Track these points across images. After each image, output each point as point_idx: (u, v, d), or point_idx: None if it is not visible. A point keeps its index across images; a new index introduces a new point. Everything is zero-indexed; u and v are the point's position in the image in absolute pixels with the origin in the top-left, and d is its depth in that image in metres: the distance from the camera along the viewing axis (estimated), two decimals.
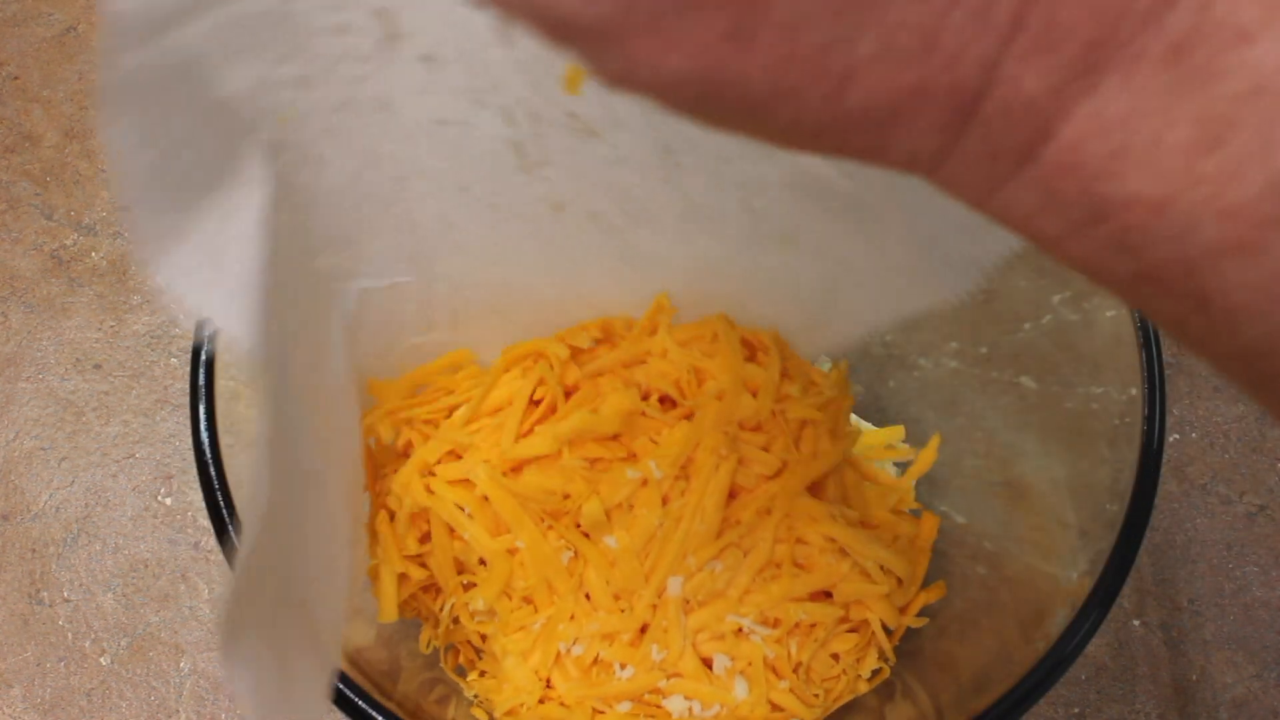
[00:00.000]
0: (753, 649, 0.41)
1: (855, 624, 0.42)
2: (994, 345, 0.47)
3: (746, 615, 0.41)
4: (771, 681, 0.41)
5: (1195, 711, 0.49)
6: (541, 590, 0.41)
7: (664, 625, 0.41)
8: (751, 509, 0.42)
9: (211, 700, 0.49)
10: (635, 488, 0.42)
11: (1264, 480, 0.53)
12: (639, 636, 0.41)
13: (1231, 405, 0.54)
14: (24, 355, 0.56)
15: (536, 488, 0.42)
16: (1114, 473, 0.38)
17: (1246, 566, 0.51)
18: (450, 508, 0.42)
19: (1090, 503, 0.39)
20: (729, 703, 0.40)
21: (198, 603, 0.51)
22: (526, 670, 0.41)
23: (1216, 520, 0.52)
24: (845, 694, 0.42)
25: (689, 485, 0.42)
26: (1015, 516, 0.45)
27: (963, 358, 0.48)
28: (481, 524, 0.42)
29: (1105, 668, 0.49)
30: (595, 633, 0.41)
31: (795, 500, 0.42)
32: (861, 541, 0.42)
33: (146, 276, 0.57)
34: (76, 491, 0.53)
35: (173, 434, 0.54)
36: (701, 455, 0.42)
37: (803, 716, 0.41)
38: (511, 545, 0.42)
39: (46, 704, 0.49)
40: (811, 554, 0.42)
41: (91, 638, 0.50)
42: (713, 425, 0.42)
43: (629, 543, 0.41)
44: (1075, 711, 0.49)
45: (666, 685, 0.41)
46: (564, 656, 0.41)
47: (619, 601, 0.41)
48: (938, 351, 0.50)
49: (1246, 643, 0.50)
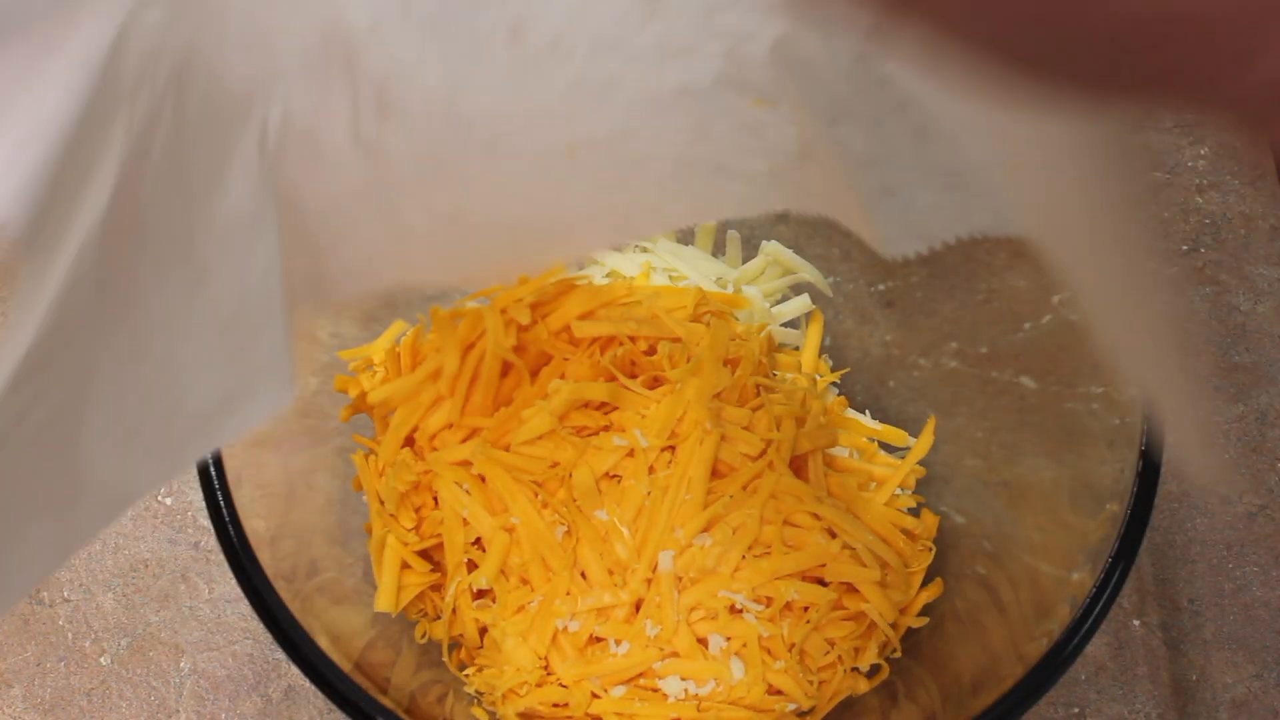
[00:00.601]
0: (747, 628, 0.41)
1: (852, 613, 0.43)
2: (994, 345, 0.47)
3: (739, 592, 0.41)
4: (767, 662, 0.41)
5: (1195, 711, 0.49)
6: (537, 567, 0.42)
7: (657, 601, 0.41)
8: (736, 484, 0.43)
9: (211, 700, 0.49)
10: (622, 456, 0.43)
11: (1264, 480, 0.53)
12: (633, 613, 0.42)
13: (1231, 405, 0.54)
14: None
15: (526, 457, 0.43)
16: (1114, 473, 0.38)
17: (1246, 566, 0.51)
18: (451, 486, 0.43)
19: (1090, 503, 0.39)
20: (725, 680, 0.41)
21: (198, 603, 0.51)
22: (526, 650, 0.42)
23: (1216, 520, 0.52)
24: (843, 688, 0.42)
25: (674, 456, 0.43)
26: (1015, 516, 0.45)
27: (963, 358, 0.49)
28: (480, 501, 0.43)
29: (1105, 668, 0.49)
30: (590, 608, 0.42)
31: (780, 480, 0.43)
32: (849, 521, 0.42)
33: None
34: None
35: None
36: (686, 428, 0.43)
37: (800, 702, 0.41)
38: (508, 523, 0.43)
39: (46, 704, 0.49)
40: (800, 534, 0.43)
41: (91, 638, 0.50)
42: (696, 398, 0.43)
43: (619, 515, 0.42)
44: (1075, 711, 0.49)
45: (662, 666, 0.41)
46: (561, 635, 0.42)
47: (613, 577, 0.42)
48: (938, 351, 0.50)
49: (1246, 643, 0.50)
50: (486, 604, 0.43)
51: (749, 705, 0.41)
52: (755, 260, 0.53)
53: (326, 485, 0.46)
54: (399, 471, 0.43)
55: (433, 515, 0.43)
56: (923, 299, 0.50)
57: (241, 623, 0.50)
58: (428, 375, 0.44)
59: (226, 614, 0.51)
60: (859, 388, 0.51)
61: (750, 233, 0.53)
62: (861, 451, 0.48)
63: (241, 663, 0.50)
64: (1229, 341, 0.55)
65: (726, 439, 0.43)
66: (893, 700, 0.42)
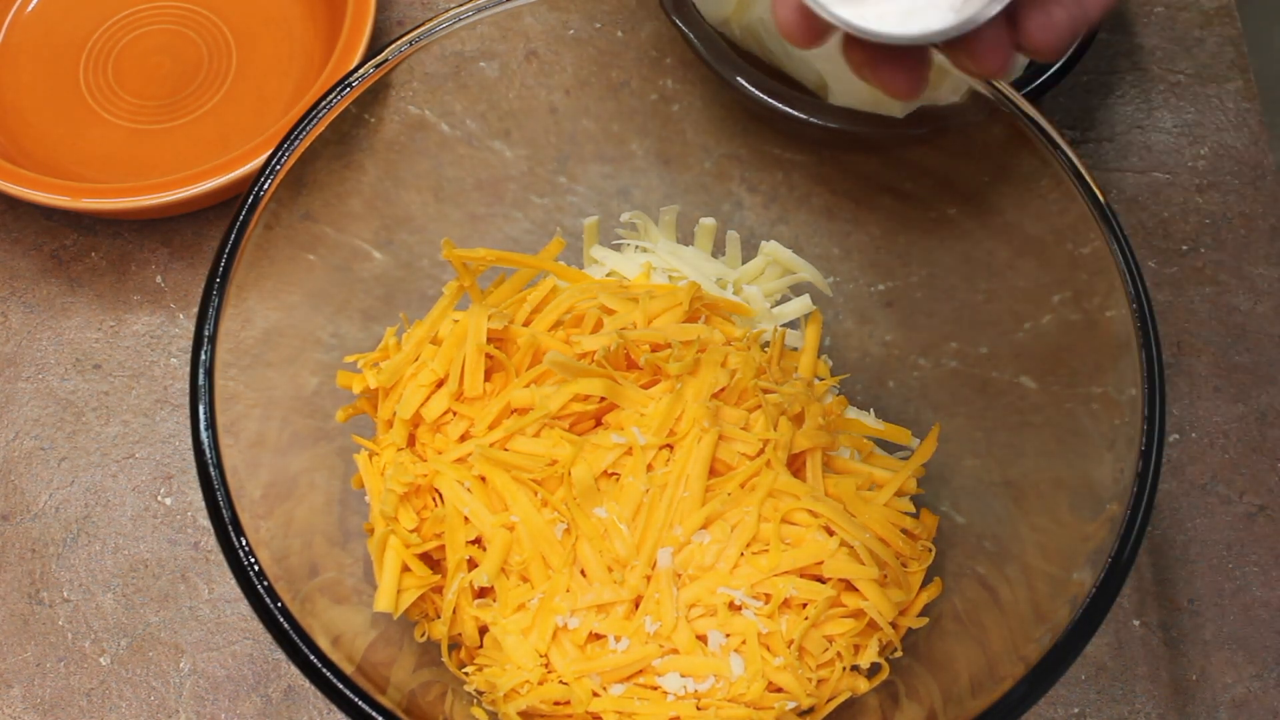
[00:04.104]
0: (746, 625, 0.41)
1: (851, 610, 0.43)
2: (994, 345, 0.47)
3: (737, 589, 0.41)
4: (766, 658, 0.41)
5: (1195, 711, 0.49)
6: (537, 565, 0.43)
7: (656, 597, 0.41)
8: (734, 483, 0.43)
9: (211, 700, 0.49)
10: (620, 454, 0.43)
11: (1264, 480, 0.53)
12: (633, 610, 0.42)
13: (1231, 405, 0.54)
14: (24, 355, 0.56)
15: (524, 455, 0.43)
16: (1114, 473, 0.38)
17: (1246, 566, 0.51)
18: (452, 484, 0.43)
19: (1090, 503, 0.39)
20: (725, 675, 0.41)
21: (198, 603, 0.51)
22: (527, 647, 0.42)
23: (1216, 520, 0.52)
24: (843, 687, 0.42)
25: (673, 454, 0.43)
26: (1015, 516, 0.45)
27: (963, 358, 0.49)
28: (480, 499, 0.43)
29: (1105, 668, 0.49)
30: (590, 604, 0.42)
31: (778, 479, 0.43)
32: (846, 519, 0.43)
33: (146, 276, 0.57)
34: (76, 491, 0.53)
35: (173, 434, 0.54)
36: (684, 426, 0.43)
37: (800, 700, 0.41)
38: (509, 521, 0.43)
39: (46, 704, 0.49)
40: (798, 532, 0.43)
41: (91, 638, 0.50)
42: (694, 397, 0.44)
43: (618, 512, 0.42)
44: (1075, 711, 0.49)
45: (662, 663, 0.41)
46: (561, 632, 0.42)
47: (612, 574, 0.42)
48: (938, 351, 0.50)
49: (1246, 643, 0.50)
50: (487, 603, 0.43)
51: (749, 702, 0.41)
52: (755, 260, 0.53)
53: (326, 485, 0.46)
54: (399, 472, 0.43)
55: (434, 514, 0.43)
56: (923, 299, 0.50)
57: (241, 623, 0.50)
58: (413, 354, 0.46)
59: (226, 614, 0.51)
60: (859, 388, 0.51)
61: (750, 233, 0.53)
62: (862, 452, 0.48)
63: (241, 663, 0.50)
64: (1229, 341, 0.55)
65: (724, 438, 0.43)
66: (893, 700, 0.42)
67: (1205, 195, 0.59)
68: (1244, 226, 0.58)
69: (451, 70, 0.47)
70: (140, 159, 0.60)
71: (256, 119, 0.60)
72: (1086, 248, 0.41)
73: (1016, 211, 0.45)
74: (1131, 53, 0.62)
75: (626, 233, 0.53)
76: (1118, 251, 0.40)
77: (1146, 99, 0.61)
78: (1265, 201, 0.58)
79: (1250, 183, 0.59)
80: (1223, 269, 0.57)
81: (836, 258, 0.52)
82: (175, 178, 0.54)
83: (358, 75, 0.44)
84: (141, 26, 0.63)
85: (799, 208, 0.52)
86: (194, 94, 0.61)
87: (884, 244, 0.51)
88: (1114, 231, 0.40)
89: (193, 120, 0.61)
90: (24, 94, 0.61)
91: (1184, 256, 0.57)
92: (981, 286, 0.48)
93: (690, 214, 0.53)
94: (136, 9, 0.63)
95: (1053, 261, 0.43)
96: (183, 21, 0.63)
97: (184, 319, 0.56)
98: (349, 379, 0.46)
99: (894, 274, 0.51)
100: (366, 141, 0.46)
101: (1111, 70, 0.61)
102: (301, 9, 0.63)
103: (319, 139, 0.43)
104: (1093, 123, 0.60)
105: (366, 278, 0.49)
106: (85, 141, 0.60)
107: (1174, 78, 0.61)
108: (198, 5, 0.63)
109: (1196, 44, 0.62)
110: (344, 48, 0.57)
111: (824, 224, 0.52)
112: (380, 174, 0.48)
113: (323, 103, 0.43)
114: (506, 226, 0.52)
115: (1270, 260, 0.57)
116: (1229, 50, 0.62)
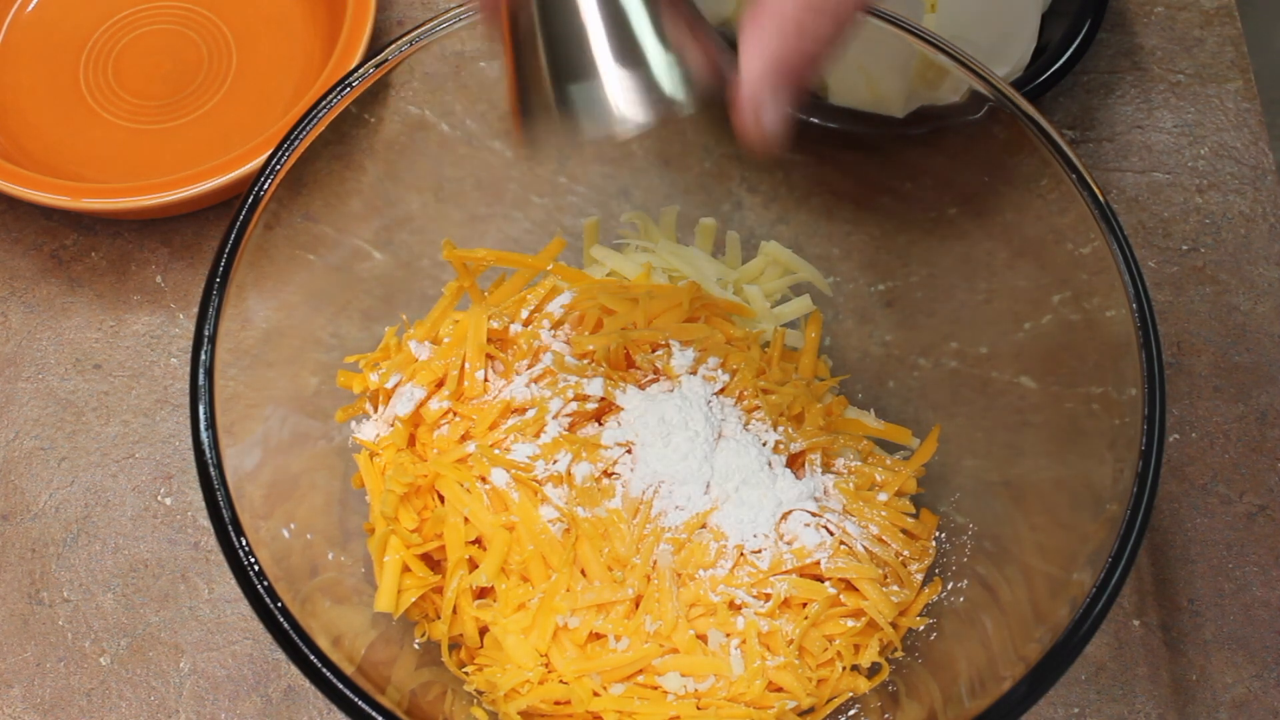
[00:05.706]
0: (746, 624, 0.41)
1: (851, 610, 0.43)
2: (994, 345, 0.47)
3: (738, 588, 0.41)
4: (766, 657, 0.41)
5: (1195, 711, 0.49)
6: (537, 564, 0.43)
7: (656, 596, 0.41)
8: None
9: (211, 700, 0.49)
10: (620, 454, 0.43)
11: (1264, 480, 0.53)
12: (633, 609, 0.42)
13: (1231, 405, 0.54)
14: (24, 355, 0.56)
15: (523, 455, 0.44)
16: (1114, 473, 0.38)
17: (1246, 566, 0.51)
18: (452, 484, 0.43)
19: (1090, 503, 0.39)
20: (725, 675, 0.41)
21: (198, 603, 0.51)
22: (527, 647, 0.42)
23: (1216, 520, 0.52)
24: (843, 686, 0.42)
25: None
26: (1015, 516, 0.45)
27: (963, 358, 0.49)
28: (480, 499, 0.43)
29: (1105, 668, 0.49)
30: (590, 604, 0.42)
31: (777, 478, 0.43)
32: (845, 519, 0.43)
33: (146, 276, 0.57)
34: (76, 491, 0.53)
35: (173, 434, 0.54)
36: None
37: (800, 699, 0.41)
38: (509, 521, 0.43)
39: (46, 704, 0.49)
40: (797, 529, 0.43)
41: (91, 638, 0.50)
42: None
43: (618, 512, 0.42)
44: (1075, 711, 0.49)
45: (662, 663, 0.41)
46: (561, 632, 0.42)
47: (612, 573, 0.42)
48: (938, 351, 0.50)
49: (1246, 643, 0.50)
50: (487, 603, 0.43)
51: (749, 702, 0.41)
52: (755, 260, 0.53)
53: (326, 485, 0.46)
54: (399, 473, 0.43)
55: (434, 515, 0.43)
56: (923, 299, 0.50)
57: (241, 623, 0.50)
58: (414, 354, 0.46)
59: (226, 614, 0.51)
60: (859, 388, 0.51)
61: (750, 233, 0.53)
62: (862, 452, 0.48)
63: (241, 663, 0.50)
64: (1229, 341, 0.55)
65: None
66: (893, 700, 0.42)
67: (1205, 195, 0.59)
68: (1244, 226, 0.58)
69: (451, 70, 0.47)
70: (140, 159, 0.60)
71: (256, 119, 0.60)
72: (1086, 248, 0.41)
73: (1016, 212, 0.45)
74: (1131, 53, 0.62)
75: (626, 233, 0.53)
76: (1118, 251, 0.40)
77: (1146, 99, 0.61)
78: (1265, 201, 0.58)
79: (1250, 183, 0.59)
80: (1223, 269, 0.57)
81: (836, 258, 0.52)
82: (175, 178, 0.54)
83: (358, 75, 0.44)
84: (141, 26, 0.63)
85: (799, 208, 0.52)
86: (194, 94, 0.61)
87: (884, 244, 0.51)
88: (1114, 231, 0.40)
89: (193, 120, 0.61)
90: (24, 94, 0.61)
91: (1184, 256, 0.57)
92: (981, 287, 0.48)
93: (690, 214, 0.53)
94: (136, 9, 0.63)
95: (1053, 262, 0.43)
96: (183, 21, 0.63)
97: (184, 319, 0.56)
98: (349, 379, 0.46)
99: (894, 274, 0.51)
100: (366, 141, 0.46)
101: (1111, 70, 0.61)
102: (301, 9, 0.63)
103: (319, 139, 0.43)
104: (1093, 123, 0.60)
105: (366, 278, 0.49)
106: (85, 141, 0.60)
107: (1174, 78, 0.61)
108: (198, 5, 0.63)
109: (1196, 44, 0.62)
110: (344, 48, 0.57)
111: (824, 224, 0.52)
112: (380, 174, 0.48)
113: (323, 103, 0.43)
114: (506, 226, 0.52)
115: (1270, 260, 0.57)
116: (1229, 50, 0.62)
